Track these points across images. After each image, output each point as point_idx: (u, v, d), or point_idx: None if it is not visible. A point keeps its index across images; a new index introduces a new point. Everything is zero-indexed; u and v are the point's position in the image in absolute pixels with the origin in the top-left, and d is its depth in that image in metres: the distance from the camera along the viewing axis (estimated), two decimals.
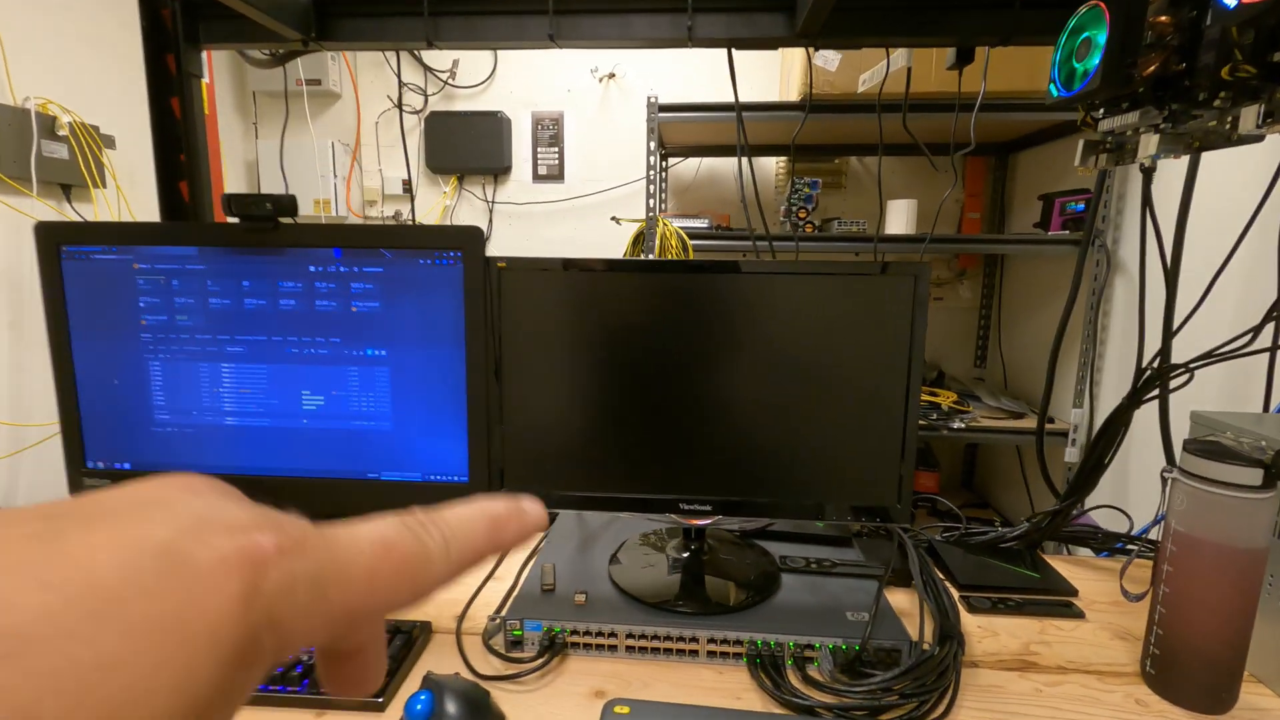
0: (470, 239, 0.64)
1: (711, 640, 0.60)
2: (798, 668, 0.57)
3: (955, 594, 0.71)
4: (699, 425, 0.64)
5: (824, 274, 0.62)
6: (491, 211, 2.23)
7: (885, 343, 0.62)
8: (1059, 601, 0.71)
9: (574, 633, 0.61)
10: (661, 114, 1.54)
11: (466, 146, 2.14)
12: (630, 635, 0.60)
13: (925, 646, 0.57)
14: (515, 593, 0.66)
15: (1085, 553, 0.88)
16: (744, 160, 1.13)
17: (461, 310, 0.65)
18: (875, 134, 1.18)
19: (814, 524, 0.81)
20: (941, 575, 0.73)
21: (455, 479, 0.68)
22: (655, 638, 0.60)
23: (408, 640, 0.61)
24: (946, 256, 2.01)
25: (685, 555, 0.71)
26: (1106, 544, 0.86)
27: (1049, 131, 1.72)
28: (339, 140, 2.20)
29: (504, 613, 0.62)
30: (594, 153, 2.18)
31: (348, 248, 0.65)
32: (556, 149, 2.18)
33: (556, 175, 2.20)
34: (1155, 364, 0.71)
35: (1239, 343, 0.65)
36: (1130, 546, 0.84)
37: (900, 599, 0.71)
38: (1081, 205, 1.45)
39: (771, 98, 1.80)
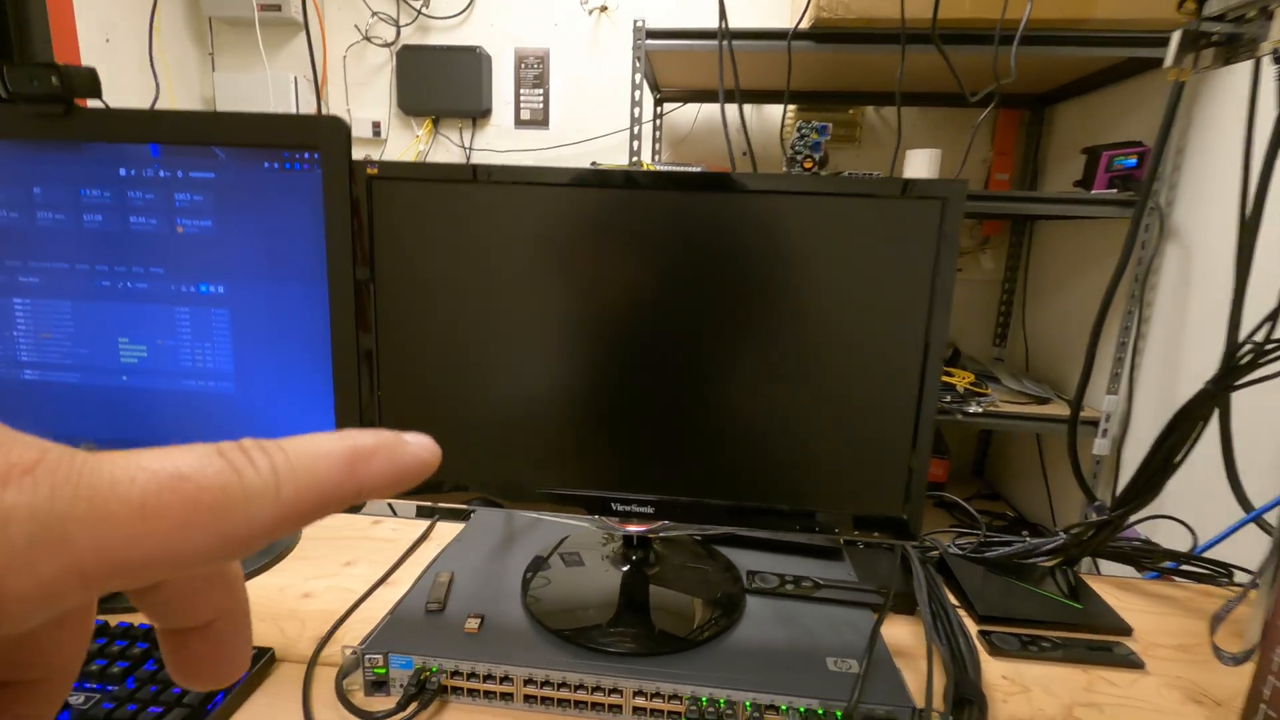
0: (330, 133, 0.46)
1: (640, 693, 0.44)
2: None
3: (973, 629, 0.55)
4: (641, 397, 0.47)
5: (820, 194, 0.44)
6: (469, 159, 2.03)
7: (897, 293, 0.44)
8: (1108, 644, 0.54)
9: (455, 674, 0.45)
10: (649, 41, 1.33)
11: (442, 86, 1.94)
12: (530, 681, 0.44)
13: (936, 717, 0.41)
14: (389, 615, 0.50)
15: (1109, 569, 0.71)
16: (728, 103, 0.94)
17: (321, 234, 0.48)
18: (894, 78, 0.98)
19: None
20: (955, 601, 0.57)
21: None
22: (564, 686, 0.44)
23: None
24: (969, 223, 1.81)
25: (625, 569, 0.55)
26: (1155, 563, 0.69)
27: (1094, 79, 1.51)
28: (303, 76, 2.00)
29: (365, 644, 0.46)
30: (582, 96, 1.98)
31: (167, 143, 0.48)
32: (541, 91, 1.97)
33: (541, 121, 2.00)
34: (1250, 343, 0.53)
35: None
36: (1192, 569, 0.67)
37: (900, 632, 0.54)
38: (1134, 160, 1.25)
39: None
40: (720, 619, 0.50)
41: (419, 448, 0.15)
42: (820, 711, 0.42)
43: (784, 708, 0.42)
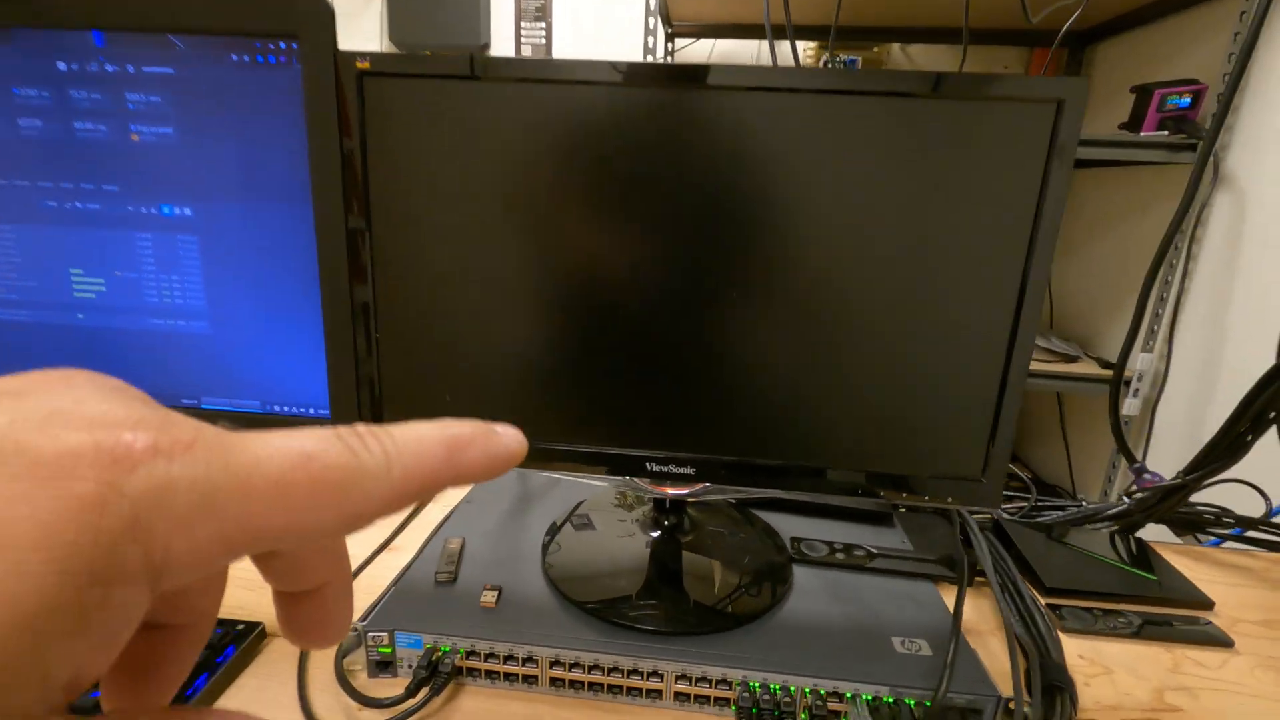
0: (311, 16, 0.38)
1: (683, 677, 0.38)
2: None
3: (1041, 602, 0.49)
4: (684, 342, 0.40)
5: (902, 94, 0.36)
6: None
7: (993, 222, 0.37)
8: (1190, 619, 0.49)
9: (471, 654, 0.39)
10: None
11: (437, 18, 1.80)
12: (558, 663, 0.39)
13: (1026, 707, 0.36)
14: (393, 586, 0.44)
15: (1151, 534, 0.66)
16: (762, 38, 0.84)
17: (304, 142, 0.40)
18: (922, 13, 0.88)
19: None
20: (1018, 573, 0.51)
21: (310, 411, 0.45)
22: (596, 668, 0.39)
23: (222, 651, 0.40)
24: None
25: (655, 535, 0.49)
26: (1227, 530, 0.64)
27: (1141, 13, 1.39)
28: None
29: (367, 620, 0.40)
30: (589, 30, 1.84)
31: (112, 28, 0.39)
32: (544, 24, 1.84)
33: (544, 57, 1.87)
34: None
35: None
36: (1265, 535, 0.62)
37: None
38: (1188, 99, 1.15)
39: None
40: (766, 592, 0.44)
41: (510, 438, 0.16)
42: (890, 700, 0.37)
43: (849, 695, 0.37)
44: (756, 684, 0.37)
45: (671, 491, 0.46)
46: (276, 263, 0.43)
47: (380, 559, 0.52)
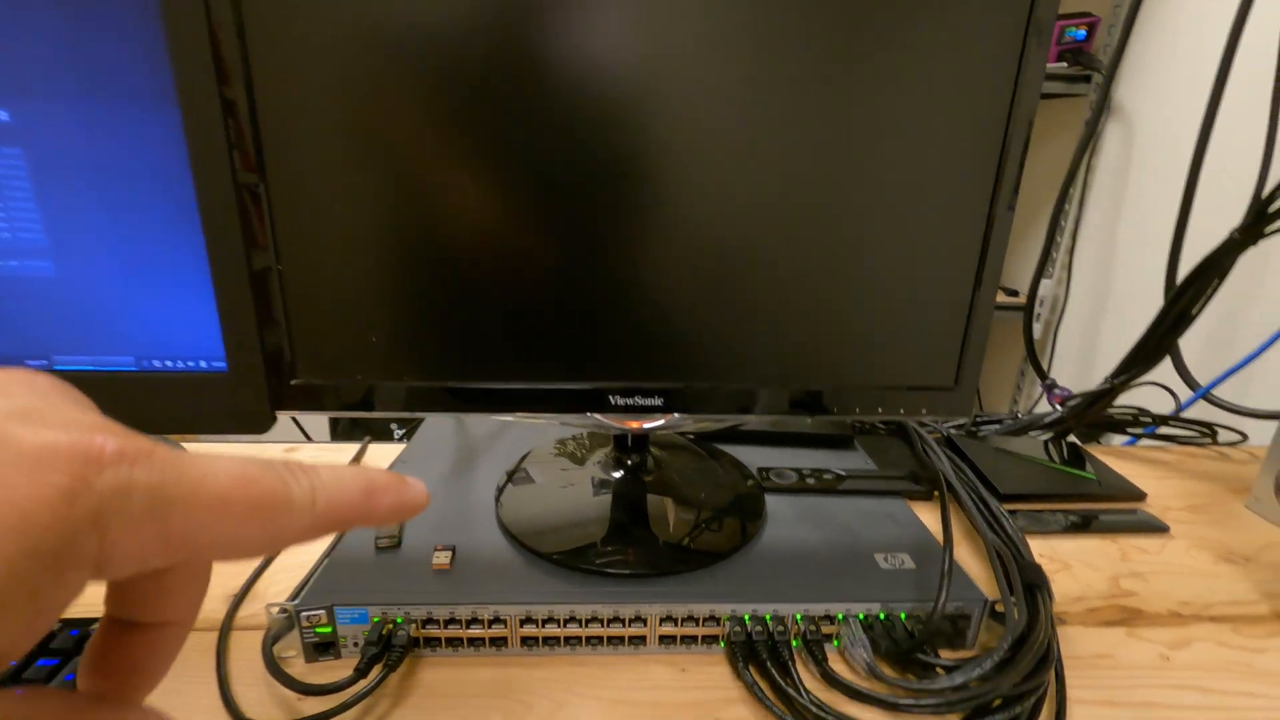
0: None
1: (668, 619, 0.35)
2: (811, 656, 0.35)
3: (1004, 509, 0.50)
4: (641, 259, 0.36)
5: None
6: None
7: (964, 111, 0.35)
8: (1129, 511, 0.52)
9: (429, 622, 0.34)
10: None
11: None
12: (529, 620, 0.35)
13: (1013, 608, 0.36)
14: (326, 559, 0.38)
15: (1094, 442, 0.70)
16: None
17: (156, 20, 0.31)
18: None
19: (797, 419, 0.57)
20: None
21: (202, 365, 0.38)
22: (573, 621, 0.35)
23: None
24: None
25: (618, 476, 0.46)
26: (1143, 427, 0.68)
27: None
28: None
29: (298, 598, 0.34)
30: None
31: None
32: None
33: None
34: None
35: None
36: (1176, 431, 0.67)
37: (925, 519, 0.49)
38: (1083, 32, 1.20)
39: None
40: (742, 524, 0.42)
41: (417, 490, 0.18)
42: (883, 616, 0.36)
43: (840, 616, 0.36)
44: (747, 616, 0.35)
45: (645, 425, 0.42)
46: (135, 183, 0.34)
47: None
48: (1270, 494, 0.51)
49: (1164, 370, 0.72)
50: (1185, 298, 0.55)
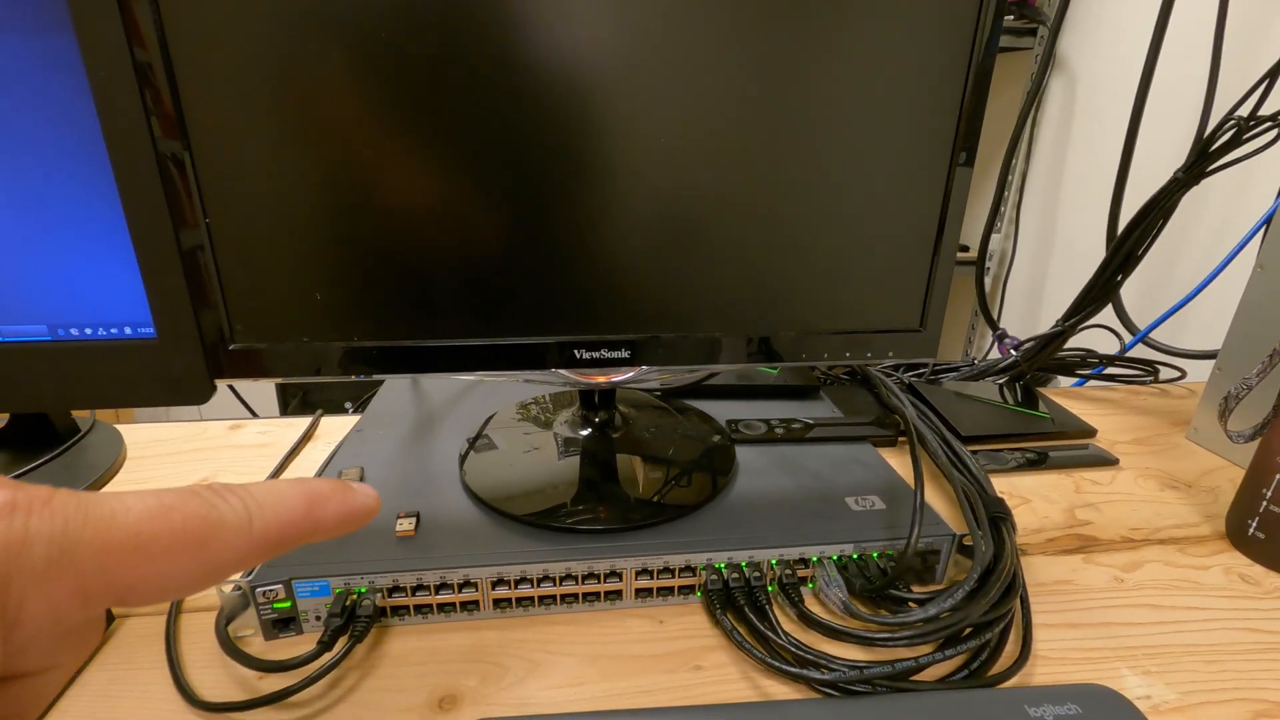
0: None
1: (644, 572, 0.35)
2: (787, 599, 0.35)
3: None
4: (599, 207, 0.34)
5: None
6: None
7: (928, 63, 0.34)
8: (1081, 446, 0.54)
9: (395, 590, 0.33)
10: None
11: None
12: (501, 582, 0.34)
13: (980, 541, 0.36)
14: None
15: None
16: None
17: None
18: None
19: (761, 372, 0.57)
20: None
21: (127, 332, 0.35)
22: (546, 580, 0.34)
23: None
24: None
25: (585, 434, 0.44)
26: (1092, 367, 0.71)
27: None
28: None
29: (252, 573, 0.32)
30: None
31: None
32: None
33: None
34: (1233, 119, 0.49)
35: None
36: (1122, 370, 0.70)
37: (894, 462, 0.50)
38: None
39: None
40: (713, 476, 0.41)
41: (366, 495, 0.17)
42: (856, 556, 0.36)
43: (815, 559, 0.36)
44: (722, 564, 0.35)
45: (612, 379, 0.41)
46: (35, 131, 0.31)
47: None
48: (1209, 424, 0.54)
49: (1109, 314, 0.75)
50: (1131, 239, 0.56)
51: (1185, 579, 0.39)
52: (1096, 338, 0.75)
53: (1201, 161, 0.52)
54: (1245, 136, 0.49)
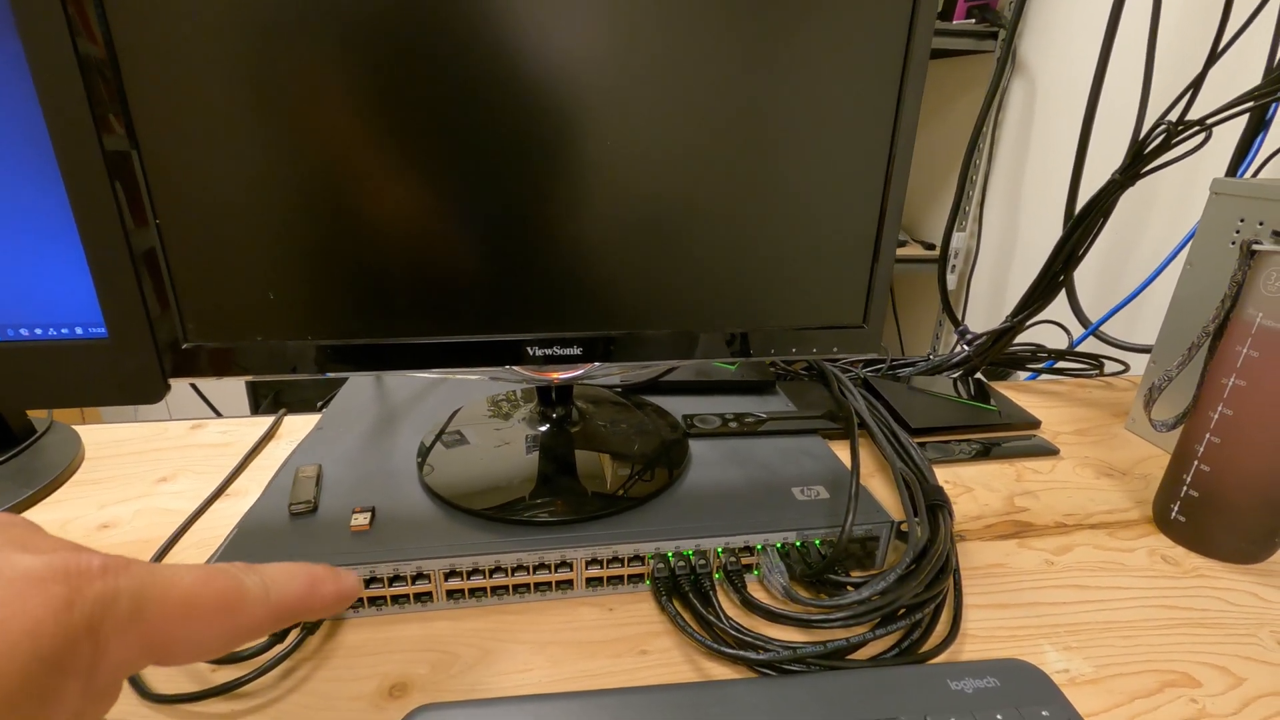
0: None
1: (594, 562, 0.36)
2: (731, 585, 0.36)
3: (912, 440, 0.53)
4: (549, 208, 0.35)
5: None
6: None
7: (863, 65, 0.35)
8: (1025, 437, 0.56)
9: None
10: None
11: None
12: (454, 573, 0.35)
13: (916, 527, 0.38)
14: (238, 527, 0.37)
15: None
16: None
17: None
18: None
19: (718, 368, 0.58)
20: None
21: (77, 332, 0.35)
22: (499, 571, 0.35)
23: None
24: None
25: (543, 430, 0.45)
26: (1041, 361, 0.74)
27: None
28: None
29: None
30: None
31: None
32: None
33: None
34: (1163, 123, 0.52)
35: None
36: (1069, 365, 0.72)
37: (845, 454, 0.52)
38: None
39: None
40: (666, 468, 0.43)
41: (352, 580, 0.21)
42: (799, 544, 0.37)
43: (759, 546, 0.37)
44: (670, 553, 0.36)
45: (565, 376, 0.42)
46: None
47: (216, 509, 0.43)
48: (1144, 415, 0.56)
49: (1064, 309, 0.78)
50: (1074, 238, 0.59)
51: (1112, 561, 0.41)
52: (1048, 333, 0.77)
53: (1136, 164, 0.54)
54: (1174, 141, 0.51)
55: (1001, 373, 0.80)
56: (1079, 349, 0.73)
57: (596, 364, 0.40)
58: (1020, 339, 0.72)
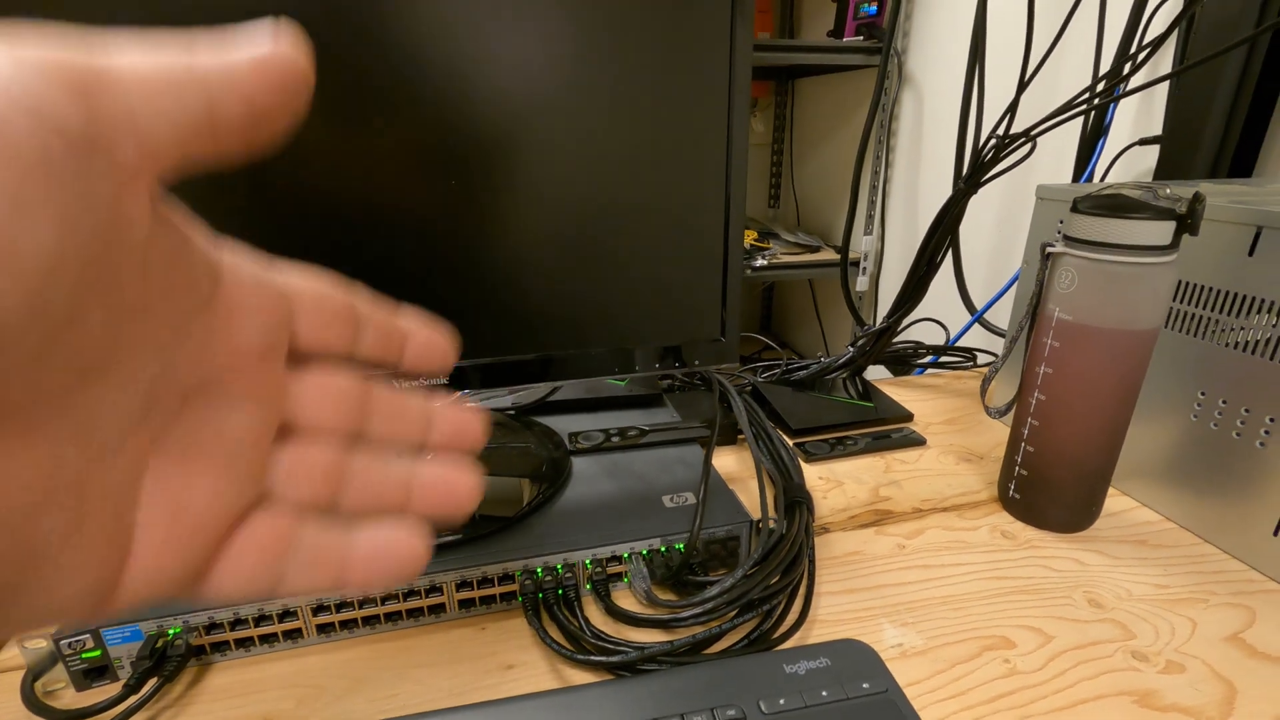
0: None
1: (464, 584, 0.37)
2: (598, 595, 0.38)
3: (790, 444, 0.57)
4: (432, 241, 0.37)
5: None
6: None
7: (692, 85, 0.38)
8: (897, 431, 0.60)
9: (213, 627, 0.34)
10: None
11: None
12: (323, 608, 0.36)
13: (772, 523, 0.41)
14: None
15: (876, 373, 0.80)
16: None
17: None
18: None
19: (610, 384, 0.61)
20: (772, 423, 0.58)
21: None
22: (369, 602, 0.36)
23: None
24: None
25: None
26: (920, 358, 0.79)
27: None
28: None
29: (59, 629, 0.33)
30: None
31: None
32: None
33: None
34: (994, 137, 0.57)
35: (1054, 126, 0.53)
36: (948, 359, 0.78)
37: (729, 461, 0.55)
38: (874, 7, 1.32)
39: None
40: (544, 485, 0.44)
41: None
42: (664, 549, 0.40)
43: (626, 555, 0.39)
44: (539, 569, 0.38)
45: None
46: None
47: None
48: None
49: (943, 307, 0.83)
50: (932, 244, 0.64)
51: (958, 540, 0.45)
52: (927, 330, 0.83)
53: (976, 173, 0.59)
54: (1003, 152, 0.56)
55: (901, 370, 0.85)
56: (959, 344, 0.79)
57: (484, 390, 0.41)
58: (906, 336, 0.77)
